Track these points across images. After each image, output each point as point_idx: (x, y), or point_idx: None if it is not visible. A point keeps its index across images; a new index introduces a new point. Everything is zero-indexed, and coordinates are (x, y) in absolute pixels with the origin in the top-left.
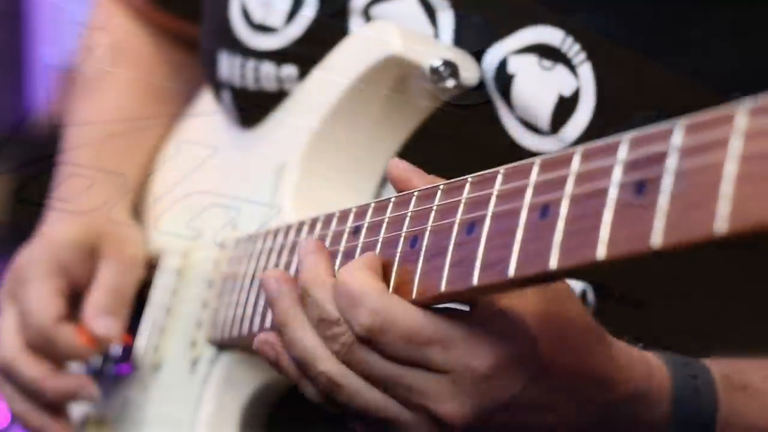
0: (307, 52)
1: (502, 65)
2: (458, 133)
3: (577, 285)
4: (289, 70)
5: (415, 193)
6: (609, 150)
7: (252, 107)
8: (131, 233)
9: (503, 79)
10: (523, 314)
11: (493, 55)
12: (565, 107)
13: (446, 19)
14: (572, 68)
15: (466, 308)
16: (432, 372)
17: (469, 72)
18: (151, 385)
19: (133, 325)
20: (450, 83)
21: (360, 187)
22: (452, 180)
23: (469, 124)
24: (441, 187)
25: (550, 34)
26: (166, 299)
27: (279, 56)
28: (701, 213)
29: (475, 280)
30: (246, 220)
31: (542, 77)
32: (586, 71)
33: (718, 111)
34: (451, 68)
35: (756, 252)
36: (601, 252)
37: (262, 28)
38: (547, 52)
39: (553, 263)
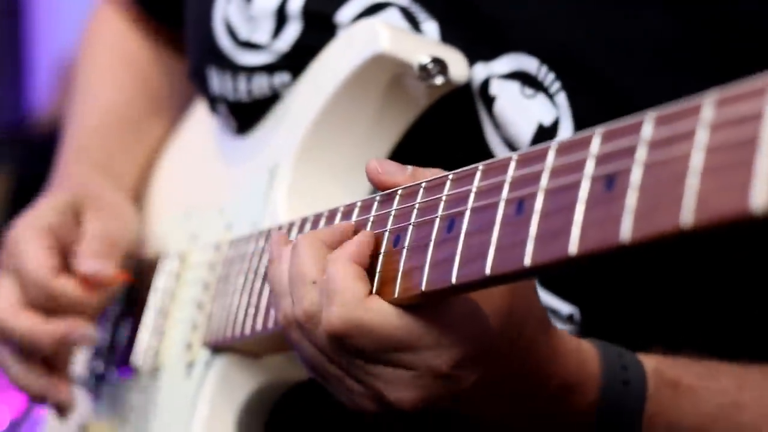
0: (297, 64)
1: (485, 86)
2: (445, 146)
3: (564, 307)
4: (283, 77)
5: (399, 192)
6: (582, 144)
7: (249, 117)
8: (116, 196)
9: (485, 99)
10: (490, 312)
11: (477, 73)
12: (544, 136)
13: (431, 33)
14: (550, 97)
15: None
16: (395, 367)
17: (458, 69)
18: (151, 388)
19: (134, 329)
20: (439, 80)
21: (353, 186)
22: (434, 177)
23: (456, 137)
24: (423, 184)
25: (527, 63)
26: (164, 303)
27: (270, 68)
28: (668, 206)
29: (454, 279)
30: (241, 221)
31: (523, 105)
32: (561, 100)
33: (687, 102)
34: (440, 65)
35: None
36: (573, 248)
37: (250, 45)
38: (528, 81)
39: (528, 261)
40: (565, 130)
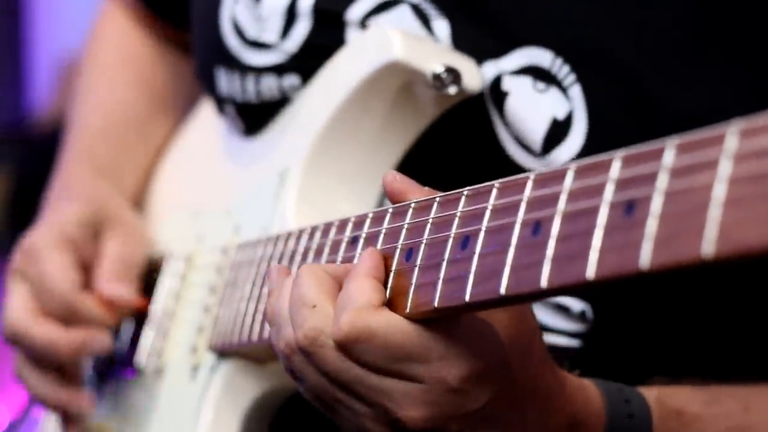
0: (307, 65)
1: (496, 82)
2: (456, 145)
3: (576, 304)
4: (292, 79)
5: (412, 205)
6: (602, 167)
7: (257, 119)
8: (132, 215)
9: (497, 95)
10: (499, 335)
11: (487, 71)
12: (558, 130)
13: (442, 31)
14: (564, 90)
15: None
16: (403, 380)
17: (471, 78)
18: (154, 389)
19: (137, 330)
20: (452, 90)
21: (362, 193)
22: (448, 192)
23: (467, 136)
24: (437, 199)
25: (541, 56)
26: (169, 304)
27: (279, 69)
28: (689, 236)
29: (467, 297)
30: (249, 224)
31: (536, 100)
32: (575, 93)
33: (710, 131)
34: (454, 74)
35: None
36: (591, 272)
37: (258, 45)
38: (540, 75)
39: (544, 282)
40: (580, 123)
